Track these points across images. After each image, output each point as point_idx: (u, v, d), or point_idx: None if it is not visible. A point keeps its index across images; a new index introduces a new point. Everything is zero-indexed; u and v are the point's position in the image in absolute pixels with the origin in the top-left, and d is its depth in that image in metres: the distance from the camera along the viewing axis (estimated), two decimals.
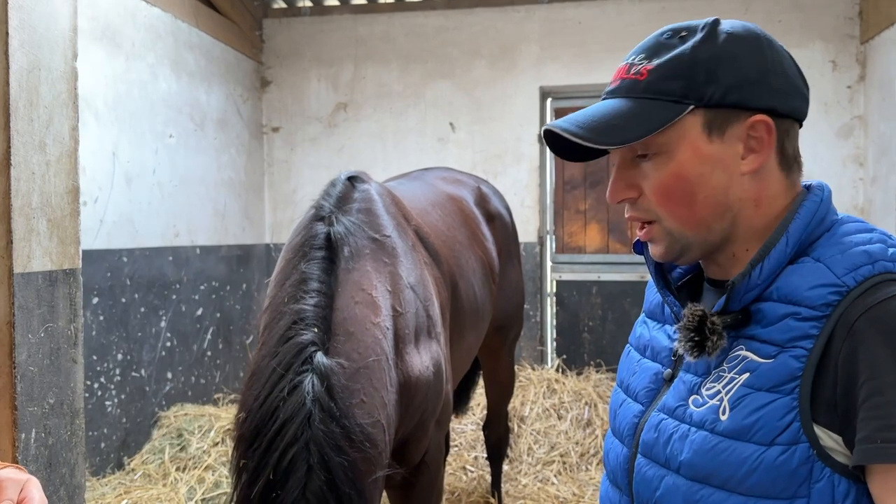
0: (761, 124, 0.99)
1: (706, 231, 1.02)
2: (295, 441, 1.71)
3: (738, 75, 0.98)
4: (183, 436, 4.34)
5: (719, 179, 1.00)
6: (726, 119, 0.99)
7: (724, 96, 0.98)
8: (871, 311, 0.87)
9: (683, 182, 1.00)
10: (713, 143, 0.99)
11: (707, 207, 1.01)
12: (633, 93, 1.01)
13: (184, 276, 4.75)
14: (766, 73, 0.99)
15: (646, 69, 1.01)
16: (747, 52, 0.99)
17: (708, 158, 0.99)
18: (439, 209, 2.89)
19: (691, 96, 0.98)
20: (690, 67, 0.98)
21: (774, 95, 0.99)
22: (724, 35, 1.00)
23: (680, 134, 0.99)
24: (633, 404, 1.13)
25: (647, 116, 0.98)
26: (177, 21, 4.72)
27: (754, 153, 1.00)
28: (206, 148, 5.09)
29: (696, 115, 0.99)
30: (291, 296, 2.00)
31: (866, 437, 0.84)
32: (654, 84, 0.99)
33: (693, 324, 1.00)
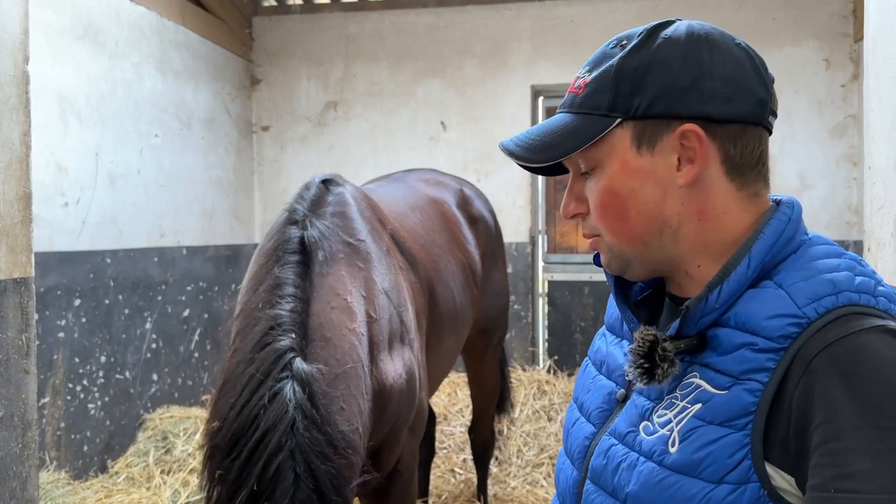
0: (691, 133, 0.92)
1: (643, 247, 0.97)
2: (280, 449, 1.66)
3: (667, 83, 0.92)
4: (168, 438, 4.30)
5: (651, 193, 0.95)
6: (655, 130, 0.93)
7: (650, 106, 0.92)
8: (830, 348, 0.81)
9: (615, 197, 0.96)
10: (643, 156, 0.94)
11: (641, 223, 0.96)
12: (572, 108, 0.99)
13: (169, 277, 4.70)
14: (700, 77, 0.92)
15: (584, 83, 0.98)
16: (680, 57, 0.92)
17: (637, 172, 0.95)
18: (419, 212, 2.85)
19: (618, 109, 0.94)
20: (617, 79, 0.94)
21: (709, 101, 0.92)
22: (659, 41, 0.94)
23: (610, 148, 0.96)
24: (585, 424, 1.08)
25: (579, 132, 0.95)
26: (162, 19, 4.67)
27: (689, 164, 0.93)
28: (192, 147, 5.04)
29: (624, 127, 0.94)
30: (266, 301, 1.96)
31: (819, 484, 0.78)
32: (587, 98, 0.97)
33: (643, 349, 0.93)
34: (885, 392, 0.77)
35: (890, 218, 1.24)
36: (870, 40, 1.37)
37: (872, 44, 1.34)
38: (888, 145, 1.25)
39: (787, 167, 5.28)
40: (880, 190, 1.29)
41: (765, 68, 0.96)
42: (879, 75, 1.29)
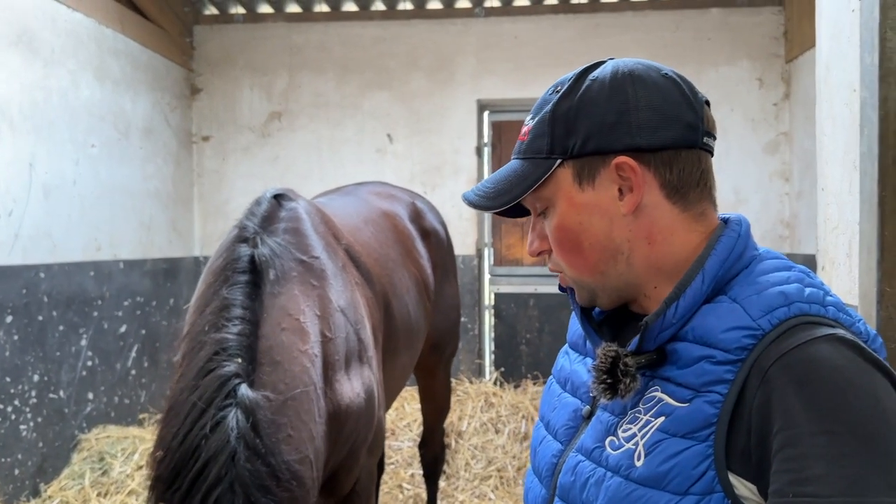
0: (624, 165, 0.98)
1: (602, 276, 1.02)
2: (219, 482, 1.61)
3: (596, 121, 0.98)
4: (105, 459, 4.13)
5: (599, 225, 1.00)
6: (592, 166, 1.00)
7: (584, 145, 0.99)
8: (784, 358, 0.84)
9: (566, 232, 1.02)
10: (585, 191, 1.00)
11: (594, 253, 1.01)
12: (519, 154, 1.06)
13: (106, 292, 4.54)
14: (626, 112, 0.97)
15: (527, 130, 1.05)
16: (605, 97, 0.98)
17: (583, 207, 1.01)
18: (372, 226, 2.82)
19: (556, 151, 1.01)
20: (552, 123, 1.01)
21: (637, 133, 0.97)
22: (586, 83, 1.01)
23: (556, 188, 1.02)
24: (552, 442, 1.10)
25: (526, 176, 1.02)
26: (101, 27, 4.53)
27: (630, 192, 0.99)
28: (131, 158, 4.89)
29: (565, 167, 1.01)
30: (212, 324, 1.88)
31: (779, 490, 0.81)
32: (530, 144, 1.03)
33: (606, 365, 0.96)
34: (836, 398, 0.81)
35: (844, 238, 1.29)
36: (822, 66, 1.43)
37: (825, 70, 1.41)
38: (842, 168, 1.31)
39: (723, 182, 5.45)
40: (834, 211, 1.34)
41: (694, 93, 1.01)
42: (833, 101, 1.35)
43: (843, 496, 0.76)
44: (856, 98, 1.24)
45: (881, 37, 1.14)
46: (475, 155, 5.67)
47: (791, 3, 5.23)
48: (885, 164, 1.16)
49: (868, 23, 1.17)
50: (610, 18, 5.53)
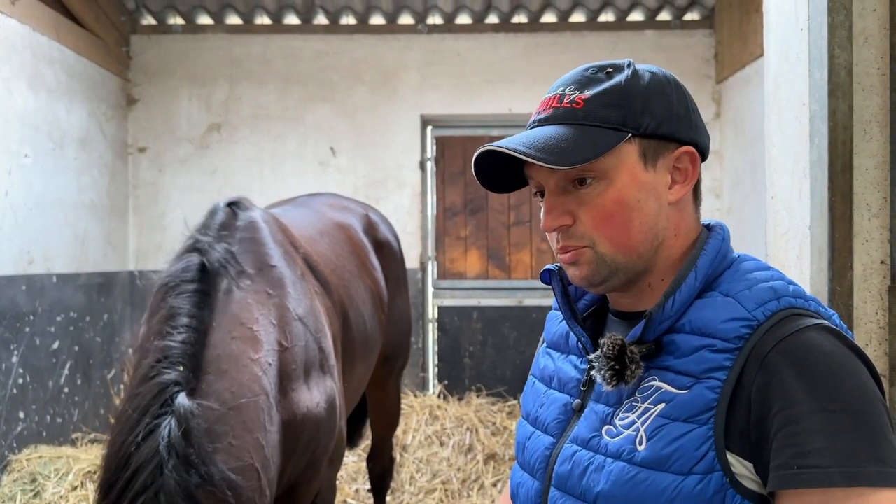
0: (687, 155, 1.05)
1: (636, 257, 1.04)
2: (144, 490, 1.61)
3: (668, 109, 1.03)
4: (37, 480, 3.96)
5: (652, 207, 1.03)
6: (658, 149, 1.04)
7: (657, 127, 1.03)
8: (781, 344, 0.92)
9: (623, 207, 1.02)
10: (647, 171, 1.03)
11: (640, 233, 1.03)
12: (572, 120, 1.03)
13: (38, 307, 4.37)
14: (689, 110, 1.06)
15: (580, 98, 1.03)
16: (672, 91, 1.05)
17: (644, 185, 1.03)
18: (328, 237, 2.82)
19: (629, 125, 1.02)
20: (627, 98, 1.02)
21: (696, 131, 1.06)
22: (648, 74, 1.06)
23: (619, 160, 1.02)
24: (543, 436, 1.13)
25: (592, 141, 1.00)
26: (35, 34, 4.39)
27: (678, 184, 1.05)
28: (65, 168, 4.74)
29: (632, 143, 1.03)
30: (157, 332, 1.87)
31: (782, 464, 0.88)
32: (594, 112, 1.02)
33: (613, 353, 1.01)
34: (830, 380, 0.89)
35: (795, 242, 1.39)
36: (770, 82, 1.53)
37: (774, 85, 1.51)
38: (791, 177, 1.40)
39: None
40: (784, 217, 1.44)
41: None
42: (782, 114, 1.45)
43: (841, 466, 0.85)
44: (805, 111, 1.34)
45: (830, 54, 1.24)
46: (419, 169, 5.71)
47: (721, 27, 5.49)
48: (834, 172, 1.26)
49: (817, 41, 1.27)
50: (549, 38, 5.68)
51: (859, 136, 1.27)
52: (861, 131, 1.28)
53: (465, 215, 5.84)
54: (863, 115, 1.27)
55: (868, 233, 1.28)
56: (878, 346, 1.30)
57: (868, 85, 1.27)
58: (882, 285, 1.30)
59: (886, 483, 0.85)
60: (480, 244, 5.85)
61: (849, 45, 1.24)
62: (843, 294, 1.24)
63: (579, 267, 1.06)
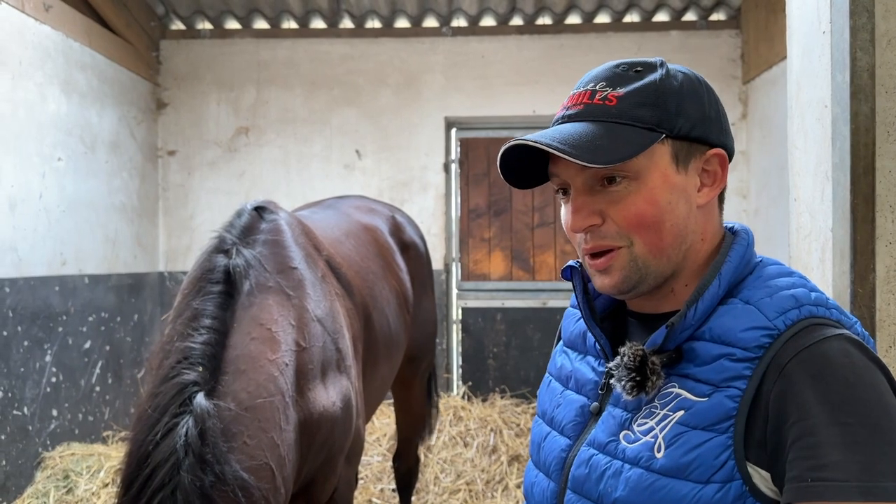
0: (717, 158, 1.04)
1: (666, 261, 1.03)
2: (162, 487, 1.65)
3: (701, 112, 1.03)
4: (70, 477, 4.05)
5: (683, 209, 1.02)
6: (690, 151, 1.03)
7: (691, 129, 1.01)
8: (801, 355, 0.91)
9: (655, 208, 1.01)
10: (679, 173, 1.02)
11: (671, 235, 1.02)
12: (605, 117, 1.01)
13: (71, 307, 4.47)
14: (720, 113, 1.06)
15: (613, 95, 1.01)
16: (704, 93, 1.04)
17: (675, 187, 1.02)
18: (353, 239, 2.86)
19: (664, 125, 1.00)
20: (662, 98, 1.01)
21: (726, 135, 1.06)
22: (681, 75, 1.05)
23: (651, 161, 1.01)
24: (559, 437, 1.12)
25: (627, 139, 0.98)
26: (68, 40, 4.49)
27: (707, 187, 1.04)
28: (97, 171, 4.84)
29: (666, 144, 1.01)
30: (181, 333, 1.92)
31: (797, 476, 0.87)
32: (628, 110, 1.00)
33: (634, 363, 1.00)
34: (847, 393, 0.88)
35: (817, 244, 1.38)
36: (793, 84, 1.53)
37: (796, 87, 1.51)
38: (814, 179, 1.40)
39: None
40: (807, 219, 1.44)
41: None
42: (805, 116, 1.45)
43: (857, 480, 0.84)
44: (827, 113, 1.34)
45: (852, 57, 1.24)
46: (443, 171, 5.74)
47: (748, 27, 5.44)
48: (856, 174, 1.26)
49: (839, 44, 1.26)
50: (574, 40, 5.68)
51: (882, 137, 1.27)
52: (884, 133, 1.28)
53: (489, 217, 5.85)
54: (886, 117, 1.27)
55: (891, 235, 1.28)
56: None
57: (891, 87, 1.26)
58: None
59: None
60: (504, 246, 5.86)
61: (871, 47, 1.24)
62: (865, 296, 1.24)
63: (612, 273, 1.04)
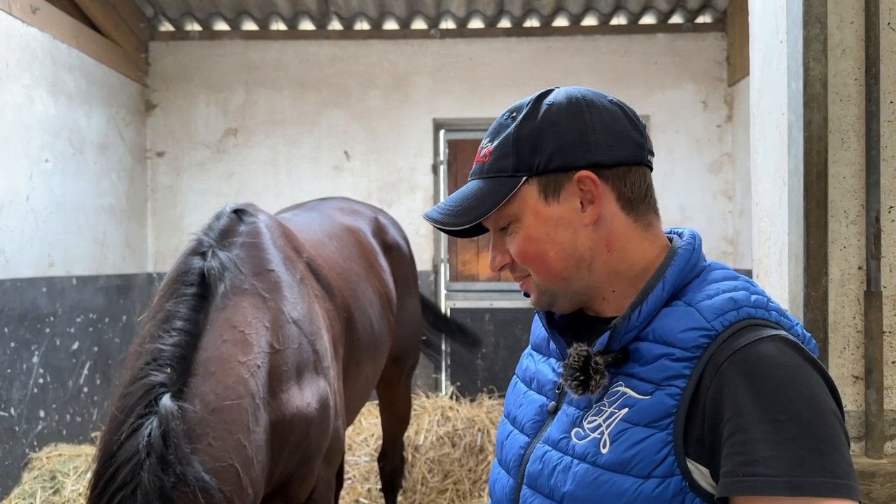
0: (586, 179, 1.08)
1: (566, 283, 1.11)
2: (123, 486, 1.67)
3: (559, 141, 1.08)
4: (57, 478, 4.07)
5: (564, 235, 1.09)
6: (557, 182, 1.09)
7: (548, 162, 1.08)
8: (735, 355, 0.95)
9: (534, 243, 1.10)
10: (551, 205, 1.09)
11: (560, 262, 1.10)
12: (482, 174, 1.13)
13: (59, 308, 4.48)
14: (584, 132, 1.08)
15: (488, 151, 1.13)
16: (565, 119, 1.09)
17: (549, 219, 1.10)
18: (336, 241, 2.89)
19: (522, 169, 1.09)
20: (516, 143, 1.09)
21: (595, 151, 1.08)
22: (545, 108, 1.10)
23: (522, 203, 1.10)
24: (519, 436, 1.17)
25: (491, 193, 1.10)
26: (55, 42, 4.51)
27: (591, 205, 1.09)
28: (85, 173, 4.85)
29: (531, 184, 1.09)
30: (152, 335, 1.94)
31: (730, 471, 0.91)
32: (494, 164, 1.11)
33: (578, 363, 1.05)
34: (779, 391, 0.92)
35: (776, 249, 1.42)
36: (755, 91, 1.56)
37: (757, 94, 1.54)
38: (773, 185, 1.43)
39: (669, 201, 5.66)
40: (767, 224, 1.47)
41: (636, 117, 1.14)
42: (764, 123, 1.48)
43: (786, 476, 0.88)
44: (784, 121, 1.37)
45: (805, 66, 1.27)
46: (431, 172, 5.77)
47: (733, 30, 5.49)
48: (809, 181, 1.29)
49: (794, 53, 1.30)
50: (561, 42, 5.72)
51: (836, 145, 1.30)
52: (839, 140, 1.31)
53: None
54: (840, 124, 1.30)
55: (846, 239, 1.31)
56: (855, 349, 1.32)
57: (845, 95, 1.30)
58: (859, 290, 1.33)
59: (832, 493, 0.86)
60: None
61: (823, 57, 1.27)
62: (818, 299, 1.27)
63: (530, 293, 1.16)
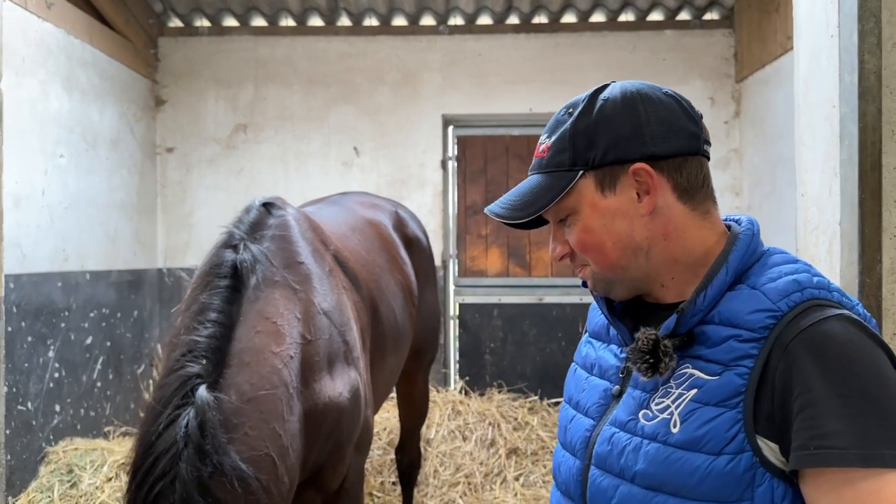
0: (641, 171, 1.12)
1: (622, 271, 1.16)
2: (163, 476, 1.71)
3: (613, 135, 1.12)
4: (74, 472, 4.08)
5: (621, 226, 1.14)
6: (613, 175, 1.14)
7: (604, 156, 1.13)
8: (802, 334, 0.99)
9: (591, 234, 1.15)
10: (607, 197, 1.14)
11: (616, 251, 1.15)
12: (540, 169, 1.19)
13: (73, 303, 4.49)
14: (639, 126, 1.12)
15: (546, 147, 1.19)
16: (620, 114, 1.13)
17: (606, 211, 1.15)
18: (359, 234, 2.91)
19: (578, 163, 1.14)
20: (573, 139, 1.15)
21: (650, 143, 1.12)
22: (600, 103, 1.15)
23: (579, 196, 1.15)
24: (583, 419, 1.21)
25: (549, 188, 1.16)
26: (69, 37, 4.51)
27: (647, 195, 1.13)
28: (98, 169, 4.86)
29: (587, 177, 1.15)
30: (187, 326, 1.98)
31: (801, 444, 0.96)
32: (551, 159, 1.17)
33: (647, 347, 1.09)
34: (846, 368, 0.96)
35: (825, 237, 1.46)
36: (801, 83, 1.60)
37: (804, 87, 1.58)
38: (822, 175, 1.47)
39: None
40: (814, 213, 1.51)
41: (692, 107, 1.17)
42: (812, 115, 1.52)
43: (856, 448, 0.92)
44: (835, 113, 1.41)
45: (860, 59, 1.31)
46: (440, 168, 5.80)
47: (741, 27, 5.53)
48: (864, 170, 1.33)
49: (848, 47, 1.33)
50: (569, 38, 5.75)
51: (887, 136, 1.34)
52: (889, 132, 1.35)
53: (485, 214, 5.90)
54: (891, 116, 1.34)
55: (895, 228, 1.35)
56: None
57: None
58: None
59: None
60: (501, 242, 5.93)
61: (878, 50, 1.31)
62: (872, 286, 1.31)
63: (588, 281, 1.22)
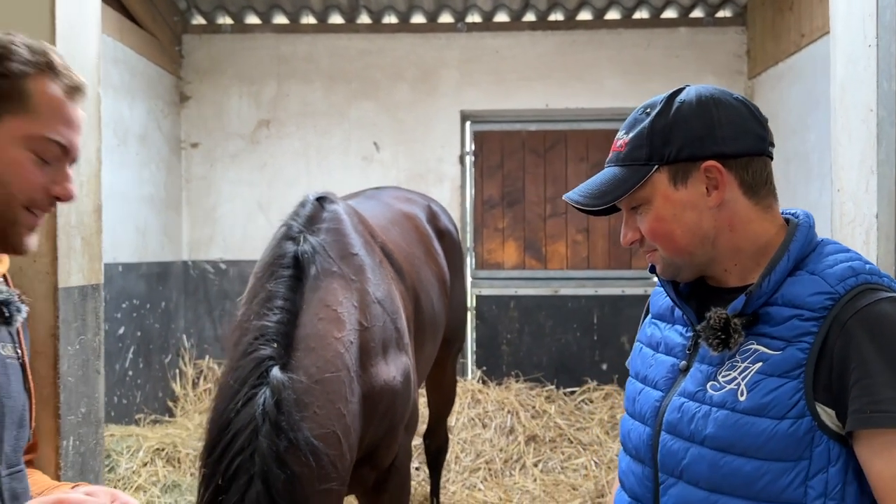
0: (713, 168, 1.26)
1: (689, 256, 1.30)
2: (242, 451, 1.82)
3: (688, 135, 1.26)
4: (111, 457, 4.23)
5: (690, 216, 1.28)
6: (685, 170, 1.27)
7: (678, 153, 1.27)
8: (859, 314, 1.14)
9: (662, 223, 1.29)
10: (679, 190, 1.28)
11: (685, 239, 1.29)
12: (618, 162, 1.32)
13: (107, 294, 4.63)
14: (712, 127, 1.26)
15: (623, 142, 1.31)
16: (694, 116, 1.27)
17: (677, 203, 1.28)
18: (398, 227, 3.04)
19: (654, 158, 1.28)
20: (650, 136, 1.28)
21: (721, 143, 1.26)
22: (677, 105, 1.29)
23: (653, 188, 1.29)
24: (652, 391, 1.37)
25: (626, 179, 1.29)
26: (102, 35, 4.62)
27: (716, 190, 1.27)
28: (128, 163, 4.99)
29: (661, 171, 1.28)
30: (256, 313, 2.10)
31: (858, 409, 1.11)
32: (629, 154, 1.30)
33: (719, 325, 1.24)
34: None
35: (861, 230, 1.59)
36: (837, 88, 1.73)
37: (840, 91, 1.71)
38: (859, 172, 1.61)
39: None
40: (850, 207, 1.64)
41: (759, 112, 1.31)
42: (849, 117, 1.65)
43: None
44: (872, 116, 1.54)
45: None
46: (458, 163, 5.92)
47: (754, 24, 5.65)
48: None
49: (886, 56, 1.47)
50: (585, 35, 5.86)
51: None
52: None
53: (502, 207, 6.04)
54: None
55: None
56: None
57: None
58: None
59: None
60: (517, 235, 6.06)
61: None
62: None
63: (658, 266, 1.35)
